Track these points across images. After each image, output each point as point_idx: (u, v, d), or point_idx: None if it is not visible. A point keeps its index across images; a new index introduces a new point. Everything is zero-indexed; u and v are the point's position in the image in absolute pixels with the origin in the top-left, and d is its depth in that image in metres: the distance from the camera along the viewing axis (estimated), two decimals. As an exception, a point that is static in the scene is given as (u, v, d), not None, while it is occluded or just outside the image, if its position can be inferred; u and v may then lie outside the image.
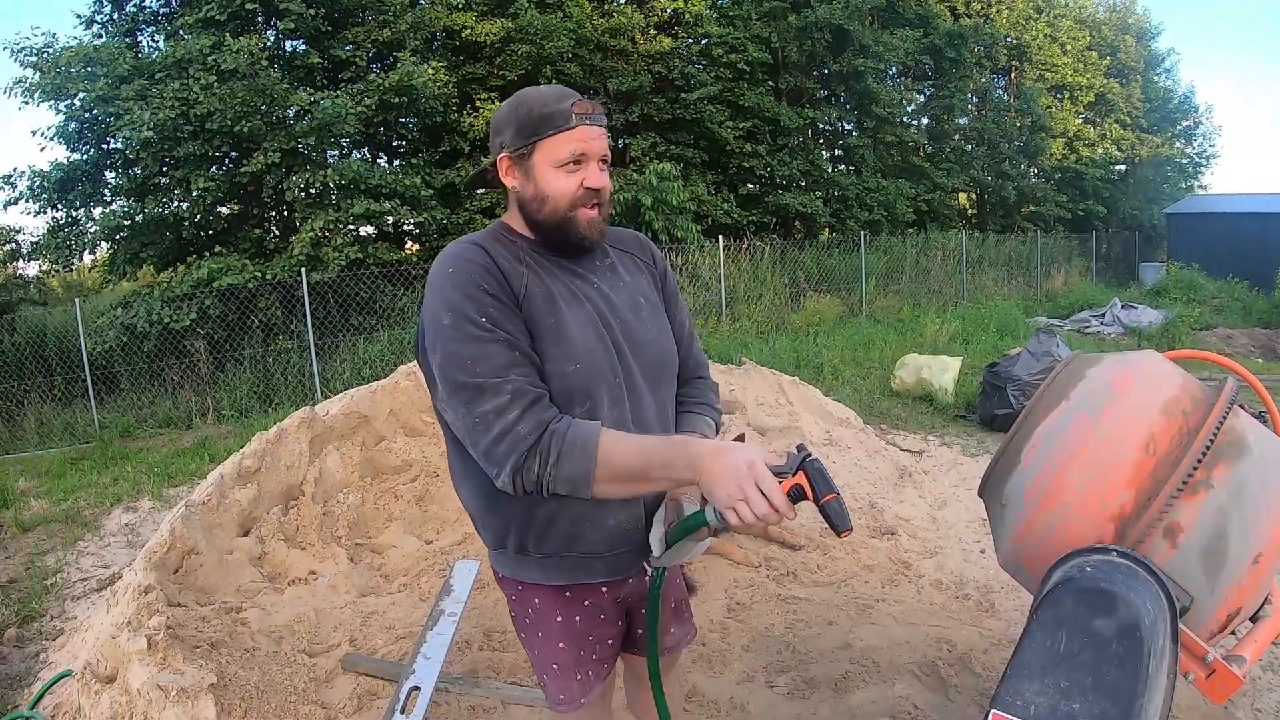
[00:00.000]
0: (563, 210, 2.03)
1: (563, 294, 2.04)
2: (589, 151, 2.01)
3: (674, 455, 1.83)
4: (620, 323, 2.11)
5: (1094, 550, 1.90)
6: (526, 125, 2.02)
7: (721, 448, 1.78)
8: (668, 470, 1.84)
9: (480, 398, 1.86)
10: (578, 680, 2.22)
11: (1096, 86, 26.99)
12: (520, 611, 2.23)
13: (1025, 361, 8.64)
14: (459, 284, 1.92)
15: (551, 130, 2.00)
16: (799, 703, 3.64)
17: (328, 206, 13.29)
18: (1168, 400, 2.05)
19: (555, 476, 1.84)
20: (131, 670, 3.49)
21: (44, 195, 13.16)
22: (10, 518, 7.23)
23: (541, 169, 2.02)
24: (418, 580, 4.95)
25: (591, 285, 2.12)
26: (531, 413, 1.85)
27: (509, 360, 1.89)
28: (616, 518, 2.08)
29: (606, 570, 2.14)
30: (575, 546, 2.08)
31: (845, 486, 6.16)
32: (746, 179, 19.74)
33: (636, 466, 1.84)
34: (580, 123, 2.00)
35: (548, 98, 2.05)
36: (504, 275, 1.97)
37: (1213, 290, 20.28)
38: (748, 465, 1.72)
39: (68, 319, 12.62)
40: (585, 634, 2.20)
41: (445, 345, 1.90)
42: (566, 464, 1.83)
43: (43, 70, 12.81)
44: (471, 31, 15.99)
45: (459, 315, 1.89)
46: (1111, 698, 1.63)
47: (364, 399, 5.85)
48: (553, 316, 1.99)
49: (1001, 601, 4.65)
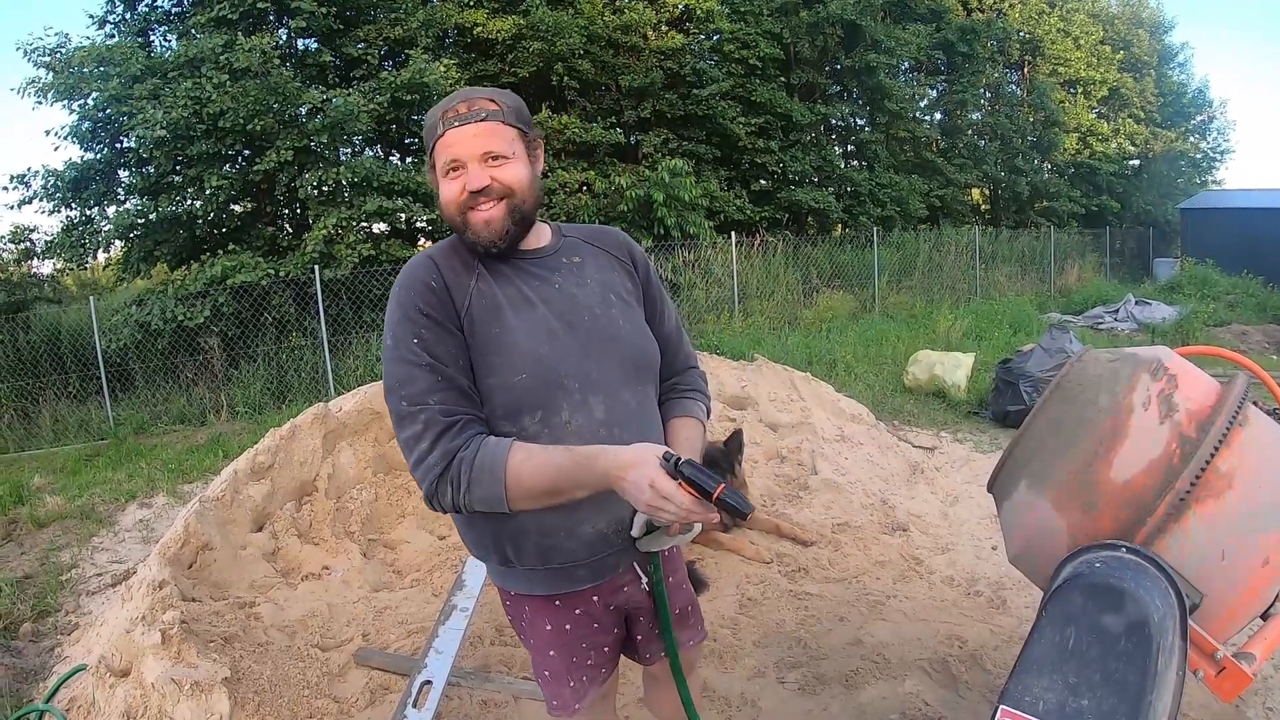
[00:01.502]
0: (455, 218, 2.03)
1: (513, 299, 2.03)
2: (460, 156, 1.99)
3: (583, 473, 1.83)
4: (590, 319, 2.08)
5: (1103, 546, 1.90)
6: (426, 140, 2.06)
7: (623, 463, 1.79)
8: (581, 486, 1.86)
9: (402, 424, 1.92)
10: (570, 687, 2.22)
11: (1110, 81, 26.88)
12: (515, 616, 2.25)
13: (1038, 357, 8.62)
14: (401, 304, 1.97)
15: (433, 141, 2.03)
16: (810, 699, 3.64)
17: (340, 204, 13.31)
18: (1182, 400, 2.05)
19: (470, 500, 1.88)
20: (145, 664, 3.52)
21: (58, 194, 13.20)
22: (26, 514, 7.28)
23: (438, 179, 2.05)
24: (430, 575, 4.97)
25: (552, 285, 2.09)
26: (440, 441, 1.88)
27: (429, 385, 1.91)
28: (594, 524, 2.05)
29: (590, 576, 2.12)
30: (553, 557, 2.07)
31: (857, 483, 6.17)
32: (759, 175, 19.72)
33: (547, 485, 1.86)
34: (449, 127, 1.99)
35: (434, 109, 2.04)
36: (447, 290, 1.99)
37: (1227, 286, 20.15)
38: (649, 484, 1.74)
39: (82, 317, 12.68)
40: (578, 641, 2.19)
41: (386, 365, 1.97)
42: (478, 489, 1.86)
43: (56, 70, 12.85)
44: (483, 29, 16.02)
45: (396, 337, 1.95)
46: (1120, 694, 1.63)
47: (377, 395, 5.86)
48: (497, 326, 1.99)
49: (1013, 598, 4.64)
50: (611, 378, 2.06)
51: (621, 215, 15.52)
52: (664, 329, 2.28)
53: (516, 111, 2.06)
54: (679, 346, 2.33)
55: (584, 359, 2.03)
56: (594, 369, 2.04)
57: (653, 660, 2.39)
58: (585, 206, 16.03)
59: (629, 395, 2.09)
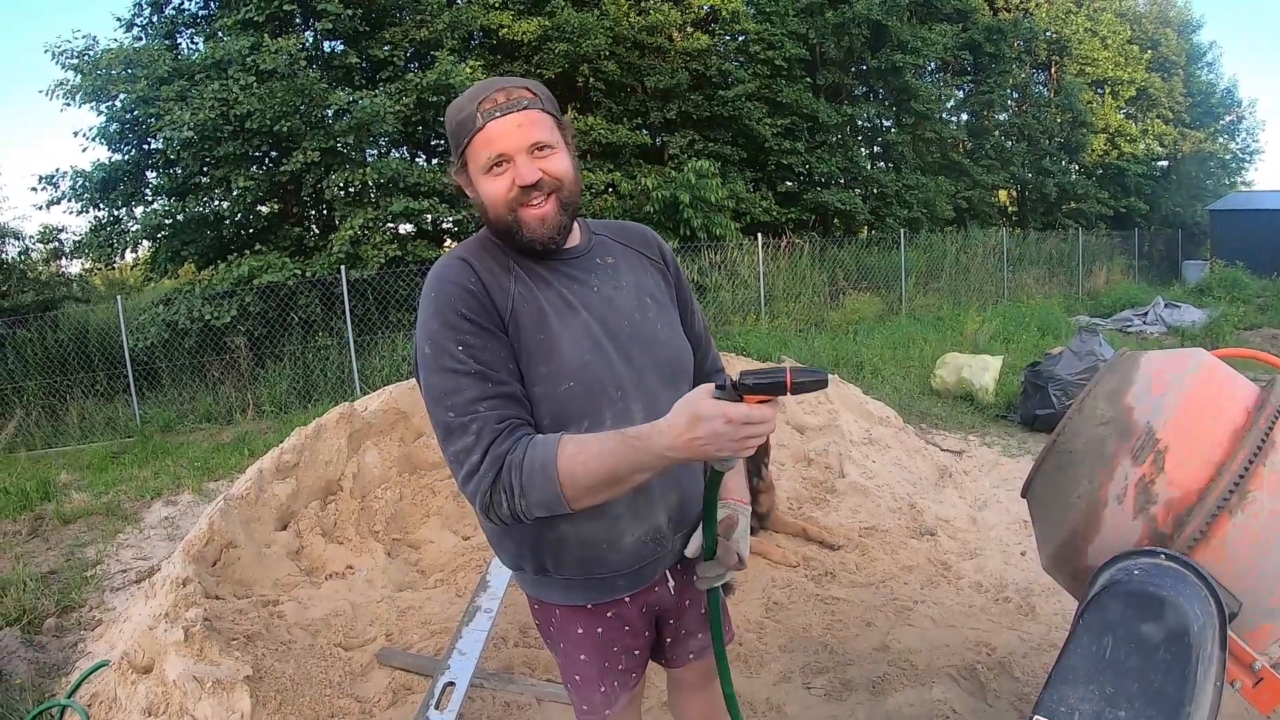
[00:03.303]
0: (504, 216, 1.89)
1: (554, 304, 1.93)
2: (506, 149, 1.85)
3: (641, 453, 1.69)
4: (628, 324, 2.01)
5: (1142, 553, 1.85)
6: (455, 138, 1.91)
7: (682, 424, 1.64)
8: (642, 469, 1.73)
9: (451, 437, 1.80)
10: (601, 692, 2.17)
11: (1138, 81, 26.68)
12: (543, 622, 2.20)
13: (1067, 361, 8.52)
14: (439, 310, 1.84)
15: (467, 138, 1.87)
16: (836, 704, 3.60)
17: (366, 205, 13.37)
18: (1221, 405, 2.00)
19: (527, 506, 1.76)
20: (168, 661, 3.52)
21: (86, 195, 13.35)
22: (52, 510, 7.34)
23: (477, 178, 1.90)
24: (454, 576, 4.96)
25: (590, 289, 2.00)
26: (491, 450, 1.77)
27: (478, 393, 1.80)
28: (634, 534, 2.00)
29: (629, 585, 2.08)
30: (595, 569, 2.01)
31: (884, 486, 6.11)
32: (785, 176, 19.68)
33: (606, 475, 1.73)
34: (489, 119, 1.84)
35: (462, 102, 1.90)
36: (487, 293, 1.87)
37: (1257, 289, 19.92)
38: (724, 421, 1.59)
39: (110, 316, 12.79)
40: (609, 646, 2.14)
41: (426, 375, 1.85)
42: (533, 492, 1.74)
43: (84, 72, 12.98)
44: (509, 30, 16.04)
45: (436, 346, 1.82)
46: (1158, 705, 1.59)
47: (403, 395, 5.86)
48: (542, 333, 1.89)
49: (1042, 605, 4.58)
50: (650, 382, 2.00)
51: (647, 216, 15.50)
52: (694, 330, 2.23)
53: (549, 98, 1.97)
54: (708, 349, 2.28)
55: (625, 365, 1.97)
56: (635, 375, 1.98)
57: (679, 663, 2.34)
58: (611, 208, 16.03)
59: (665, 400, 1.95)
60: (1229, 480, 1.87)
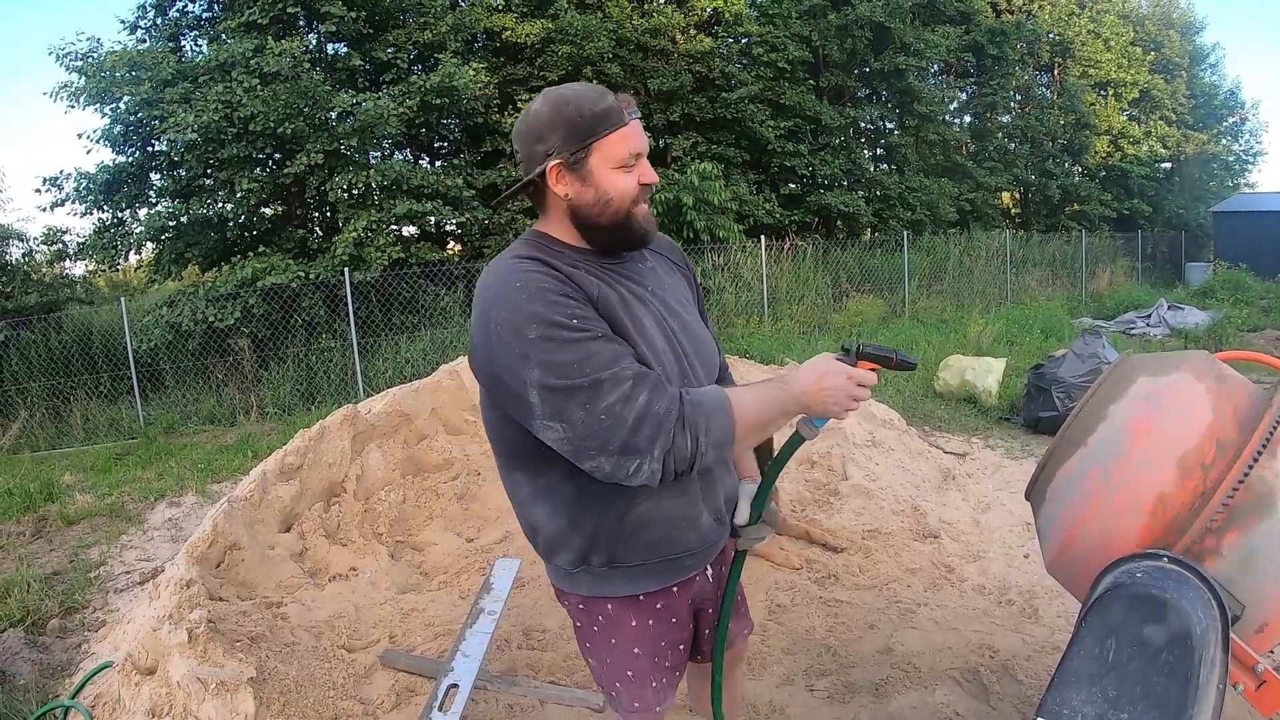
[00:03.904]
0: (626, 209, 1.96)
1: (625, 298, 1.98)
2: (641, 149, 1.95)
3: (786, 399, 1.89)
4: (679, 323, 2.09)
5: (1145, 556, 1.85)
6: (578, 128, 1.90)
7: (815, 376, 1.88)
8: (784, 414, 1.91)
9: (599, 393, 1.76)
10: (653, 687, 2.20)
11: (1140, 83, 26.63)
12: (588, 621, 2.18)
13: (1071, 363, 8.51)
14: (535, 295, 1.81)
15: (608, 129, 1.90)
16: (839, 707, 3.60)
17: (370, 207, 13.39)
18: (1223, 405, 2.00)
19: (706, 445, 1.82)
20: (171, 662, 3.52)
21: (90, 197, 13.37)
22: (56, 511, 7.35)
23: (601, 171, 1.92)
24: (458, 578, 4.96)
25: (646, 288, 2.06)
26: (659, 391, 1.80)
27: (613, 353, 1.81)
28: (705, 516, 2.10)
29: (694, 564, 2.15)
30: (670, 548, 2.07)
31: (888, 488, 6.11)
32: (788, 178, 19.67)
33: (764, 416, 1.89)
34: (633, 117, 1.94)
35: (594, 96, 1.93)
36: (572, 280, 1.89)
37: (1260, 291, 19.90)
38: (847, 377, 1.87)
39: (114, 317, 12.81)
40: (659, 640, 2.17)
41: (542, 357, 1.78)
42: (715, 430, 1.82)
43: (88, 75, 12.99)
44: (512, 33, 16.04)
45: (546, 324, 1.78)
46: (1161, 708, 1.59)
47: (406, 397, 5.87)
48: (629, 319, 1.95)
49: (1045, 607, 4.58)
50: (699, 375, 2.09)
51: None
52: (710, 332, 2.30)
53: None
54: (718, 350, 2.34)
55: (682, 358, 2.04)
56: (690, 367, 2.06)
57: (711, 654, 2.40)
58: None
59: None
60: (1229, 484, 1.87)
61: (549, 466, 1.97)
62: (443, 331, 13.08)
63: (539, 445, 1.90)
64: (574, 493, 1.99)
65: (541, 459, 1.96)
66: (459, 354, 6.94)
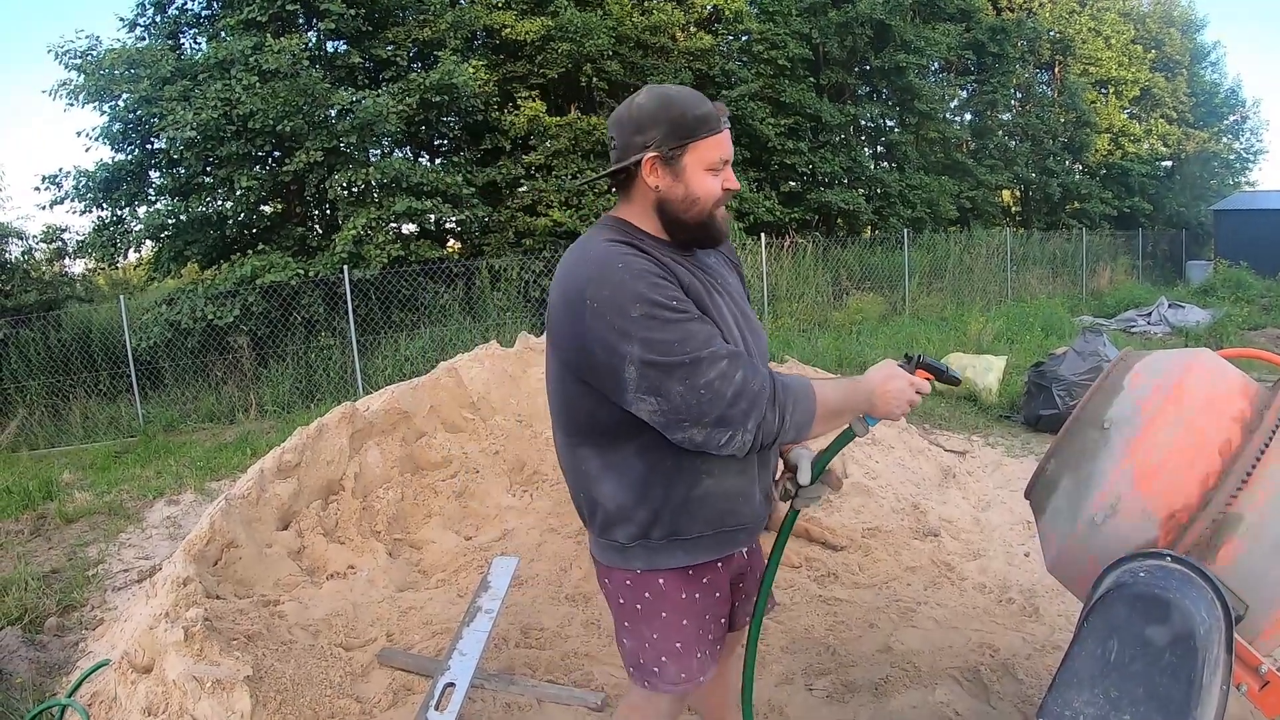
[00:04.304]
0: (709, 210, 2.10)
1: (711, 287, 2.13)
2: (728, 156, 2.10)
3: (854, 394, 2.11)
4: (743, 314, 2.23)
5: (1147, 555, 1.83)
6: (680, 127, 2.04)
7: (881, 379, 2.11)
8: (852, 409, 2.13)
9: (699, 369, 1.90)
10: (697, 658, 2.27)
11: (1141, 81, 26.59)
12: (635, 597, 2.25)
13: (1071, 361, 8.49)
14: (637, 275, 1.94)
15: (706, 133, 2.05)
16: (838, 706, 3.59)
17: (370, 204, 13.38)
18: (1225, 401, 1.98)
19: (791, 424, 1.99)
20: (168, 661, 3.51)
21: (89, 195, 13.35)
22: (54, 509, 7.33)
23: (693, 171, 2.06)
24: (456, 576, 4.94)
25: (716, 280, 2.19)
26: (752, 369, 1.95)
27: (710, 332, 1.96)
28: (759, 491, 2.24)
29: (746, 539, 2.30)
30: (728, 521, 2.18)
31: (888, 486, 6.09)
32: (788, 176, 19.61)
33: (837, 406, 2.09)
34: (725, 127, 2.08)
35: (696, 99, 2.08)
36: (664, 266, 2.02)
37: (1261, 289, 19.90)
38: (910, 384, 2.11)
39: (113, 315, 12.80)
40: (704, 612, 2.27)
41: (644, 334, 1.91)
42: (798, 412, 2.00)
43: (87, 72, 12.98)
44: (512, 30, 16.00)
45: (650, 304, 1.91)
46: (1163, 710, 1.57)
47: (405, 395, 5.85)
48: (714, 307, 2.08)
49: (1045, 606, 4.56)
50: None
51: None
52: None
53: None
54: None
55: (751, 347, 2.17)
56: (756, 356, 2.16)
57: (739, 625, 2.53)
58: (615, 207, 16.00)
59: None
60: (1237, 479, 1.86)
61: (622, 443, 2.09)
62: (442, 329, 13.07)
63: (615, 421, 2.04)
64: (645, 468, 2.10)
65: (615, 435, 2.08)
66: (458, 351, 6.92)
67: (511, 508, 5.66)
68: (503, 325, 13.06)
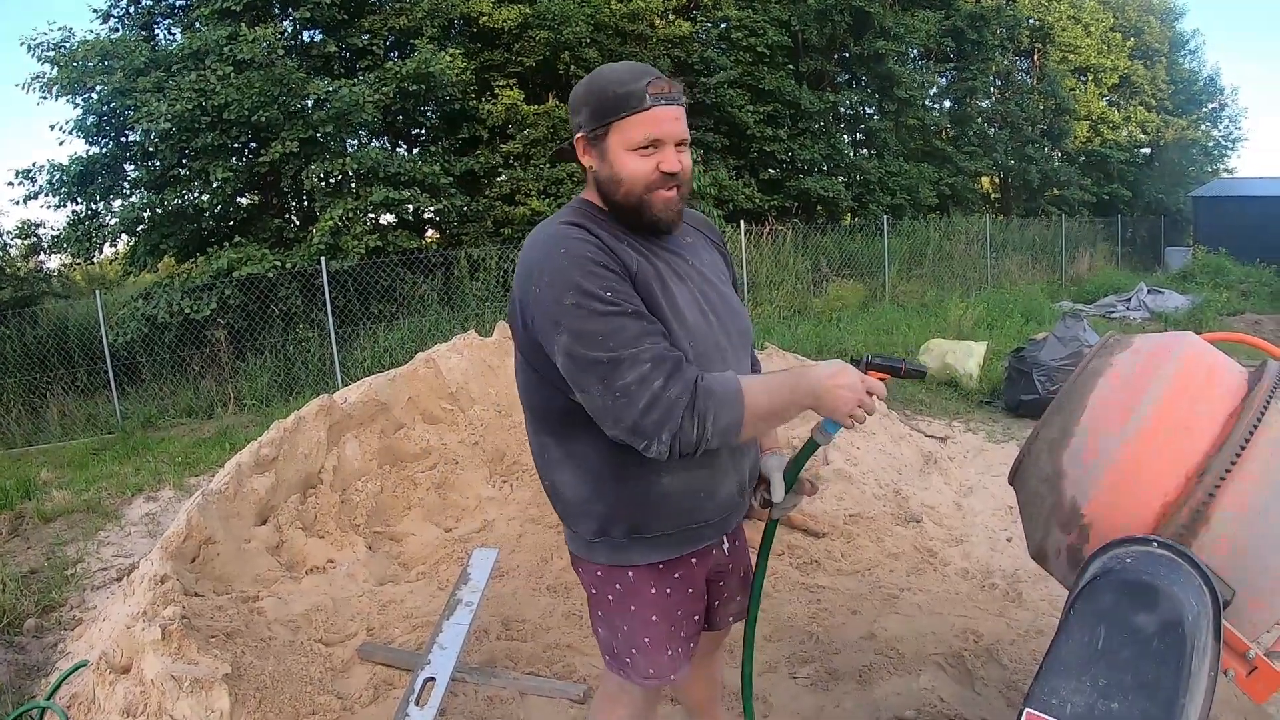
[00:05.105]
0: (638, 193, 2.00)
1: (665, 274, 2.04)
2: (663, 135, 1.98)
3: (799, 392, 1.93)
4: (719, 297, 2.16)
5: (1134, 540, 1.82)
6: (601, 107, 1.98)
7: (830, 374, 1.92)
8: (796, 406, 1.95)
9: (618, 370, 1.84)
10: (668, 655, 2.23)
11: (1120, 68, 26.70)
12: (605, 588, 2.21)
13: (1051, 347, 8.51)
14: (576, 263, 1.89)
15: (626, 112, 1.96)
16: (822, 694, 3.57)
17: (347, 195, 13.29)
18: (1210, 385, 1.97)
19: (713, 432, 1.86)
20: (146, 660, 3.46)
21: (63, 189, 13.18)
22: (32, 508, 7.24)
23: (616, 152, 2.00)
24: (436, 569, 4.91)
25: (686, 263, 2.13)
26: (676, 376, 1.85)
27: (641, 330, 1.87)
28: (727, 488, 2.15)
29: (713, 534, 2.21)
30: (692, 517, 2.12)
31: (869, 473, 6.09)
32: (768, 163, 19.59)
33: (775, 406, 1.94)
34: (655, 104, 1.96)
35: (624, 77, 1.99)
36: (613, 253, 1.95)
37: (1240, 275, 20.03)
38: (860, 383, 1.91)
39: (89, 311, 12.65)
40: (675, 609, 2.21)
41: (572, 325, 1.87)
42: (723, 416, 1.87)
43: (60, 65, 12.82)
44: (489, 18, 15.90)
45: (583, 293, 1.86)
46: (1152, 697, 1.55)
47: (382, 386, 5.80)
48: (664, 297, 2.00)
49: (1029, 591, 4.57)
50: (737, 349, 2.18)
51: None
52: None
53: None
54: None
55: (722, 333, 2.12)
56: (728, 341, 2.13)
57: (720, 626, 2.50)
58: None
59: (744, 366, 2.20)
60: (1223, 464, 1.84)
61: (577, 433, 2.04)
62: (420, 320, 13.00)
63: (568, 411, 2.00)
64: (600, 462, 2.05)
65: (570, 424, 2.03)
66: (436, 342, 6.87)
67: (491, 499, 5.63)
68: (481, 315, 12.98)
